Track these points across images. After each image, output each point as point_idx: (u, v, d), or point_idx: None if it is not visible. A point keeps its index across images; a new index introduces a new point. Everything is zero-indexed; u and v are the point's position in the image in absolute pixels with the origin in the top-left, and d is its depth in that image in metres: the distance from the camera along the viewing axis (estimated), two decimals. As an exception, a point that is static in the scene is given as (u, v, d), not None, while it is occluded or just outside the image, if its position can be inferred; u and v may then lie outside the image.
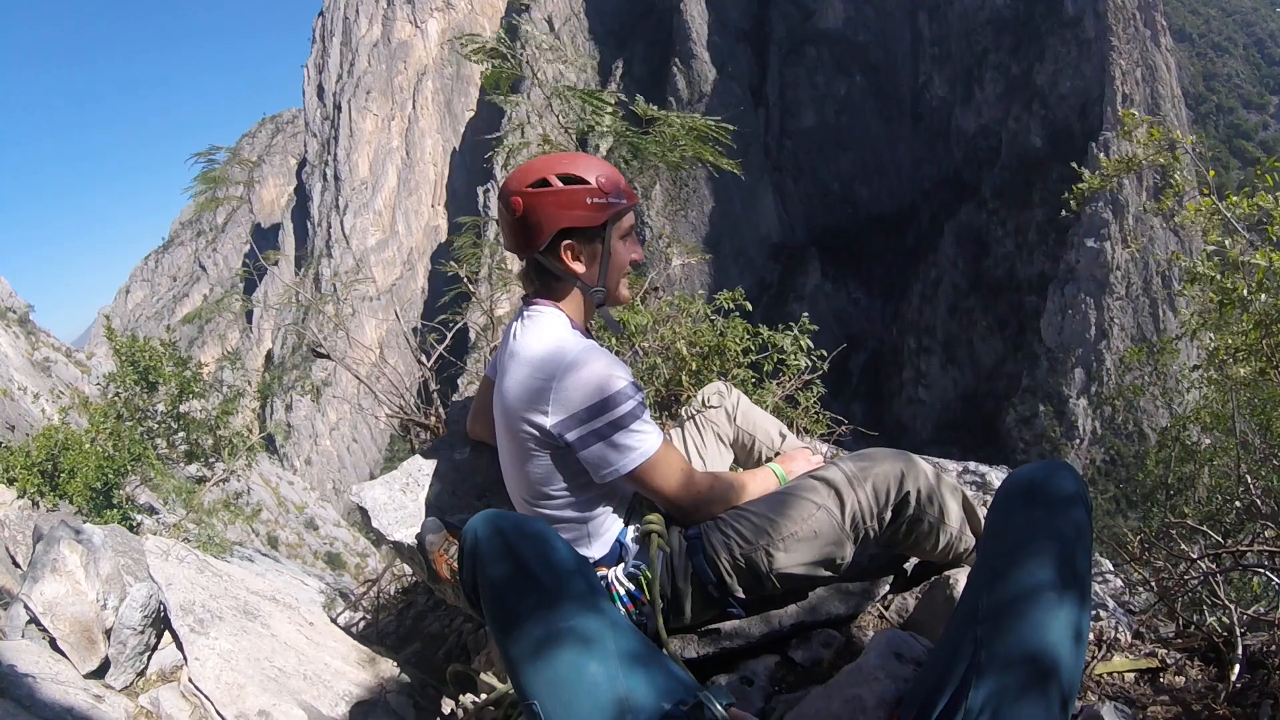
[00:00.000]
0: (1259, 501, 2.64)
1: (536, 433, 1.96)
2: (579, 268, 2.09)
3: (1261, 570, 2.26)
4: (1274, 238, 4.52)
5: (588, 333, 2.15)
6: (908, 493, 2.01)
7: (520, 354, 2.00)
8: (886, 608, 2.32)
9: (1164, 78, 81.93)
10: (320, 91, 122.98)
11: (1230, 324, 5.24)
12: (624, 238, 2.12)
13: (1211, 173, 5.43)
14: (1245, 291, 4.63)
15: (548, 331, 2.02)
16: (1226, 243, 4.90)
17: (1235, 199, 4.85)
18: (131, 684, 2.64)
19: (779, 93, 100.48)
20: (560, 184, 2.01)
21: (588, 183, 2.00)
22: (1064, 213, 7.11)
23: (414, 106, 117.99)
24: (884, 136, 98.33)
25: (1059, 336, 72.24)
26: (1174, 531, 2.76)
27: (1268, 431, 4.77)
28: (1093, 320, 70.60)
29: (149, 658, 2.73)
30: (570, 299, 2.12)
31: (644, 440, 1.93)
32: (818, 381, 4.31)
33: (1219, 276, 4.86)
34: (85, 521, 6.01)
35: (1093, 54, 79.06)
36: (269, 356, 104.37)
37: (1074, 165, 6.84)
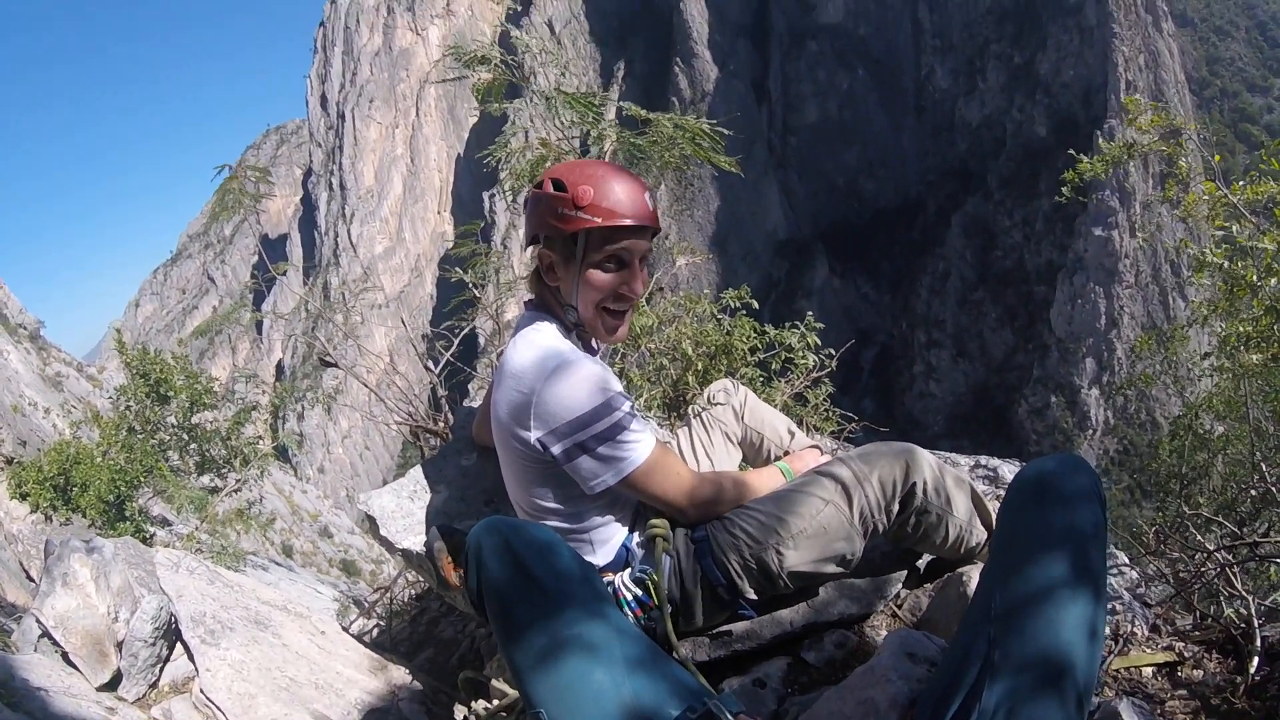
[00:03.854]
0: (1275, 490, 2.61)
1: (523, 447, 1.94)
2: (553, 279, 2.07)
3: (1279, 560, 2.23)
4: (1281, 222, 4.49)
5: (586, 342, 2.12)
6: (914, 484, 2.00)
7: (506, 366, 1.99)
8: (899, 606, 2.30)
9: (1167, 63, 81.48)
10: (323, 101, 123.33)
11: (1240, 311, 5.20)
12: (606, 261, 1.98)
13: (1218, 157, 5.37)
14: (1254, 277, 4.59)
15: (534, 342, 1.99)
16: (1234, 228, 4.86)
17: (1240, 186, 4.81)
18: (144, 696, 2.64)
19: (781, 89, 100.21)
20: (551, 189, 1.98)
21: (565, 193, 1.94)
22: (1060, 198, 7.06)
23: (417, 114, 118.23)
24: (888, 129, 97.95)
25: (1069, 326, 71.95)
26: (1189, 522, 2.73)
27: (1280, 418, 4.73)
28: (1103, 309, 70.29)
29: (161, 669, 2.73)
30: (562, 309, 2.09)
31: (631, 450, 1.90)
32: (826, 379, 4.30)
33: (1227, 263, 4.82)
34: (98, 534, 6.02)
35: (1095, 41, 78.65)
36: (279, 366, 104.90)
37: (1072, 152, 6.79)
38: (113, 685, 2.64)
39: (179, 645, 2.79)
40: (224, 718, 2.45)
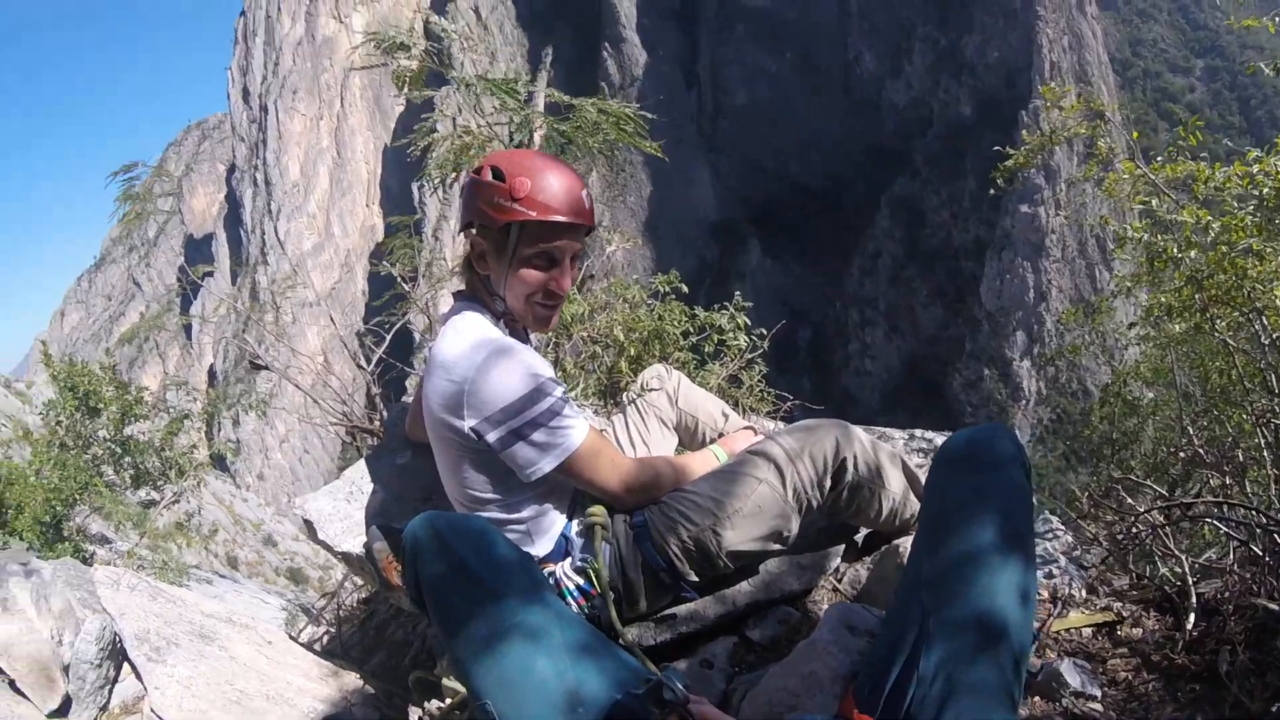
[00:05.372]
0: (1202, 451, 2.69)
1: (457, 437, 1.93)
2: (483, 267, 2.06)
3: (1210, 520, 2.30)
4: (1199, 197, 4.63)
5: (516, 330, 2.12)
6: (844, 459, 2.03)
7: (436, 357, 1.98)
8: (839, 580, 2.34)
9: (1090, 44, 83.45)
10: (245, 94, 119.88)
11: (1163, 282, 5.37)
12: (537, 256, 1.98)
13: (1135, 134, 5.54)
14: (1175, 250, 4.74)
15: (463, 332, 1.98)
16: (1154, 203, 5.01)
17: (1158, 164, 4.96)
18: (95, 719, 2.58)
19: (710, 72, 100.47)
20: (489, 177, 1.96)
21: (502, 182, 1.93)
22: (994, 190, 7.20)
23: (342, 104, 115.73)
24: (816, 112, 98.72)
25: (999, 301, 73.66)
26: (1121, 486, 2.81)
27: (1206, 383, 4.89)
28: (1031, 283, 72.06)
29: (110, 691, 2.65)
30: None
31: (566, 436, 1.91)
32: (760, 359, 4.33)
33: (1147, 237, 4.97)
34: (36, 557, 5.83)
35: (1019, 24, 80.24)
36: (211, 372, 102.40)
37: (999, 148, 6.92)
38: (63, 711, 2.56)
39: (126, 665, 2.73)
40: (177, 735, 2.41)
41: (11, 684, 2.55)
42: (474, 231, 2.06)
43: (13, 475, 8.26)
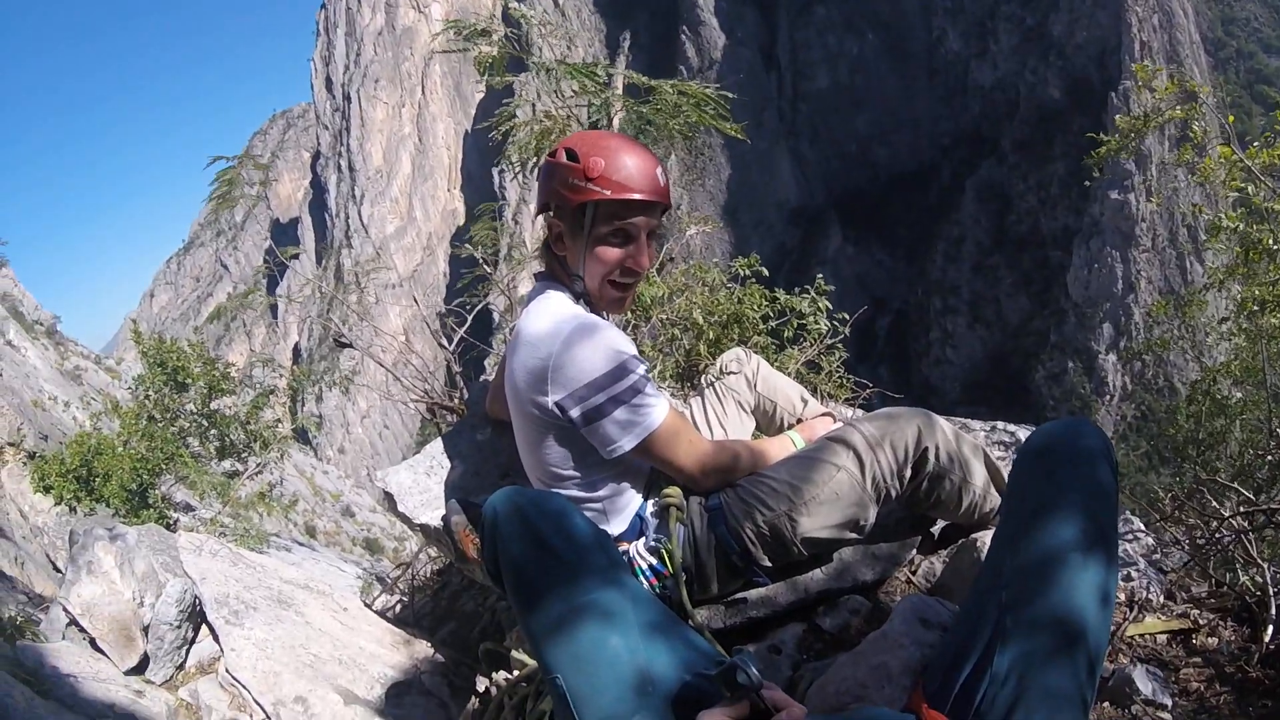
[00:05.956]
0: (1289, 457, 2.59)
1: (540, 413, 1.95)
2: (560, 248, 2.08)
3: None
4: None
5: (595, 311, 2.12)
6: (925, 449, 1.99)
7: (521, 334, 2.00)
8: (914, 572, 2.31)
9: (1181, 24, 79.79)
10: (329, 84, 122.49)
11: (1257, 275, 5.15)
12: (612, 235, 1.99)
13: (1231, 118, 5.30)
14: (1271, 241, 4.54)
15: (547, 310, 2.00)
16: (1249, 189, 4.79)
17: (1255, 148, 4.75)
18: (171, 678, 2.70)
19: (790, 55, 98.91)
20: (564, 158, 1.98)
21: (576, 163, 1.95)
22: (1087, 182, 7.02)
23: (423, 92, 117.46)
24: (899, 94, 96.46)
25: (1086, 291, 71.18)
26: (1205, 489, 2.72)
27: (1298, 383, 4.68)
28: (1119, 274, 69.44)
29: (187, 651, 2.78)
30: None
31: (647, 414, 1.92)
32: (839, 345, 4.29)
33: (1242, 226, 4.77)
34: (121, 522, 6.12)
35: (1107, 2, 77.26)
36: (296, 350, 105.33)
37: (1092, 135, 6.71)
38: (140, 669, 2.70)
39: (204, 627, 2.84)
40: (249, 695, 2.50)
41: (92, 642, 2.69)
42: (551, 214, 2.08)
43: (101, 446, 8.65)
